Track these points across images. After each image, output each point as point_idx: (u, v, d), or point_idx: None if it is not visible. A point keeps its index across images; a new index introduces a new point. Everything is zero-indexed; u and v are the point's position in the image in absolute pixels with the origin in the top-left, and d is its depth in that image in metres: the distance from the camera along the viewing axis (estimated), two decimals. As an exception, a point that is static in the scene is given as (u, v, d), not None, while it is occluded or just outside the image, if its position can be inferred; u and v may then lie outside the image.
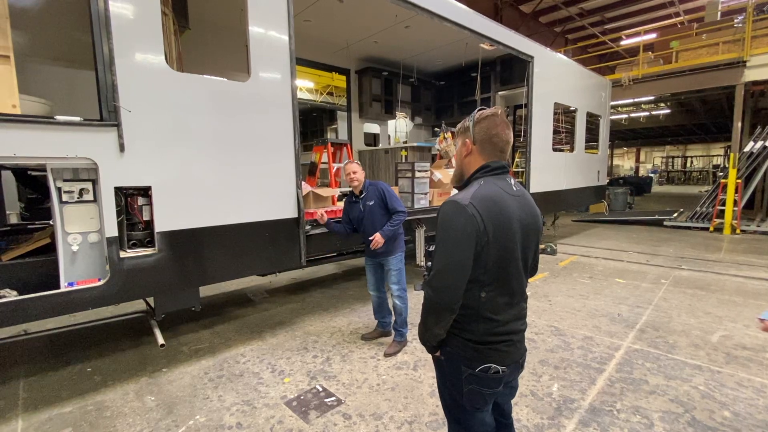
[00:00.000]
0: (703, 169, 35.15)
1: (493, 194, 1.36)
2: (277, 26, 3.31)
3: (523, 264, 1.44)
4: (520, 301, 1.46)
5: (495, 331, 1.39)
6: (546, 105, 6.90)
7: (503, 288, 1.39)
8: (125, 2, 2.54)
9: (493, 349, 1.39)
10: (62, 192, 2.51)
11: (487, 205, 1.33)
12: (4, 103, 2.38)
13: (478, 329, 1.39)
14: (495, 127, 1.43)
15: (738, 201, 9.24)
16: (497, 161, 1.44)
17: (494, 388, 1.44)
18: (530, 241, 1.45)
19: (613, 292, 5.03)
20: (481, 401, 1.45)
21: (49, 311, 2.46)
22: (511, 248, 1.37)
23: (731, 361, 3.22)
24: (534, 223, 1.46)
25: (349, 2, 4.95)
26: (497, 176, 1.43)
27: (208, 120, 2.97)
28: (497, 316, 1.39)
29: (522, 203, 1.43)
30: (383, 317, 3.75)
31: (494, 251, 1.33)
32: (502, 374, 1.41)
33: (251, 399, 2.79)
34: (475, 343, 1.39)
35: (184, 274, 2.97)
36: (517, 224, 1.38)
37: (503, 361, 1.40)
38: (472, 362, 1.40)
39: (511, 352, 1.43)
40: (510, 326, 1.42)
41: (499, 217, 1.33)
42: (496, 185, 1.39)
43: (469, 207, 1.31)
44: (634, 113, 17.19)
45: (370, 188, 3.47)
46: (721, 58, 9.74)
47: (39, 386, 3.01)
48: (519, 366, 1.50)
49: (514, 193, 1.42)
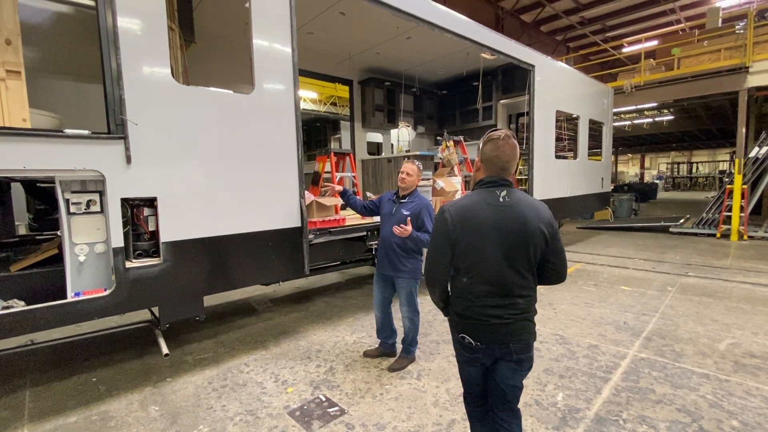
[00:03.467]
0: (709, 174, 34.92)
1: (470, 204, 1.71)
2: (280, 39, 3.38)
3: (510, 264, 1.67)
4: (509, 296, 1.69)
5: (471, 308, 1.72)
6: (548, 113, 6.93)
7: (481, 278, 1.69)
8: (133, 18, 2.61)
9: (469, 323, 1.73)
10: (70, 203, 2.56)
11: (460, 211, 1.70)
12: (15, 117, 2.44)
13: (461, 305, 1.76)
14: (497, 149, 1.71)
15: (745, 207, 9.16)
16: (492, 176, 1.74)
17: (469, 354, 1.78)
18: (514, 243, 1.66)
19: (618, 300, 4.99)
20: (463, 359, 1.84)
21: (56, 321, 2.50)
22: (480, 247, 1.67)
23: (739, 370, 3.18)
24: (520, 228, 1.66)
25: (351, 15, 5.04)
26: (486, 188, 1.73)
27: (212, 131, 3.03)
28: (476, 300, 1.71)
29: (507, 212, 1.67)
30: (386, 338, 3.52)
31: (462, 246, 1.69)
32: (476, 346, 1.72)
33: (254, 409, 2.79)
34: (458, 315, 1.78)
35: (188, 283, 3.00)
36: (489, 229, 1.66)
37: (475, 336, 1.72)
38: (457, 329, 1.80)
39: (487, 331, 1.70)
40: (488, 311, 1.69)
41: (465, 222, 1.68)
42: (480, 196, 1.72)
43: (445, 212, 1.73)
44: (637, 120, 17.18)
45: (416, 200, 3.25)
46: (723, 64, 9.75)
47: (45, 396, 3.03)
48: (508, 351, 1.70)
49: (498, 203, 1.68)
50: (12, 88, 2.45)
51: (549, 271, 1.75)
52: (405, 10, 4.30)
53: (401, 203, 3.27)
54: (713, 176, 32.75)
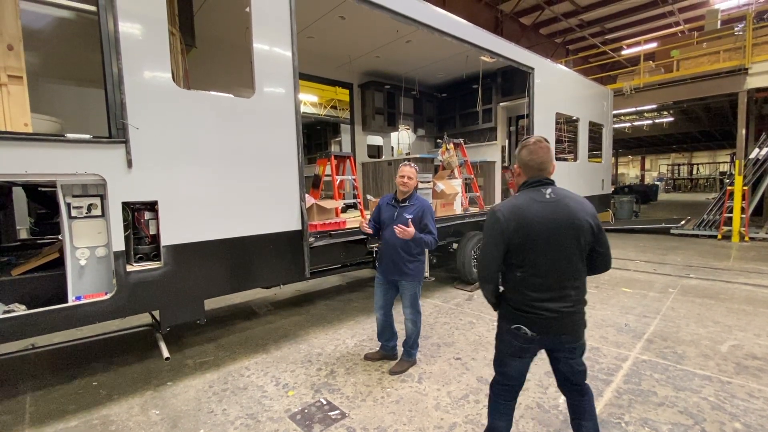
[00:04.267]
0: (709, 176, 34.88)
1: (520, 202, 1.85)
2: (280, 43, 3.39)
3: (562, 256, 1.81)
4: (561, 287, 1.83)
5: (527, 302, 1.84)
6: (547, 115, 6.94)
7: (535, 272, 1.82)
8: (134, 23, 2.63)
9: (524, 316, 1.85)
10: (71, 207, 2.56)
11: (512, 210, 1.83)
12: (16, 122, 2.46)
13: (515, 298, 1.89)
14: (531, 153, 1.90)
15: (746, 208, 9.15)
16: (534, 177, 1.91)
17: (521, 343, 1.89)
18: (565, 236, 1.80)
19: (619, 302, 4.98)
20: (512, 350, 1.94)
21: (57, 325, 2.50)
22: (533, 241, 1.80)
23: (741, 372, 3.17)
24: (568, 221, 1.80)
25: (351, 19, 5.06)
26: (532, 188, 1.90)
27: (213, 135, 3.04)
28: (530, 293, 1.84)
29: (555, 207, 1.82)
30: (387, 340, 3.51)
31: (517, 242, 1.81)
32: (530, 336, 1.85)
33: (255, 412, 2.78)
34: (512, 308, 1.90)
35: (189, 287, 3.01)
36: (541, 223, 1.79)
37: (531, 327, 1.84)
38: (509, 321, 1.92)
39: (542, 324, 1.83)
40: (543, 303, 1.82)
41: (520, 218, 1.80)
42: (528, 195, 1.87)
43: (497, 212, 1.86)
44: (637, 122, 17.19)
45: (416, 202, 3.24)
46: (722, 66, 9.76)
47: (46, 400, 3.02)
48: (560, 341, 1.88)
49: (545, 199, 1.84)
50: (14, 93, 2.46)
51: (597, 260, 1.92)
52: (404, 14, 4.32)
53: (402, 207, 3.24)
54: (714, 178, 32.71)
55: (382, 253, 3.33)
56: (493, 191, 7.28)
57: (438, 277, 6.32)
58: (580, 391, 2.03)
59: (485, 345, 3.75)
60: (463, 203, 5.93)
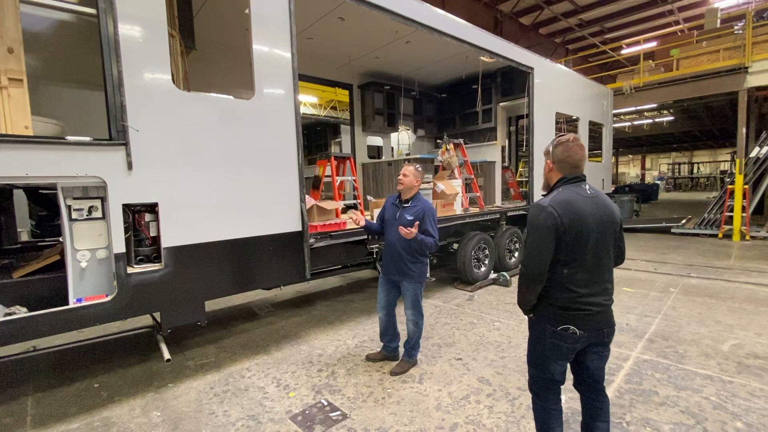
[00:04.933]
0: (710, 175, 34.86)
1: (568, 197, 1.84)
2: (280, 45, 3.40)
3: (603, 250, 1.84)
4: (602, 281, 1.86)
5: (575, 300, 1.82)
6: (547, 115, 6.94)
7: (581, 267, 1.81)
8: (134, 25, 2.64)
9: (572, 314, 1.82)
10: (72, 210, 2.57)
11: (563, 205, 1.81)
12: (17, 125, 2.46)
13: (561, 297, 1.84)
14: (568, 150, 1.92)
15: (746, 207, 9.14)
16: (572, 173, 1.93)
17: (570, 344, 1.86)
18: (607, 231, 1.85)
19: (620, 302, 4.97)
20: (560, 353, 1.89)
21: (58, 327, 2.50)
22: (585, 236, 1.79)
23: (743, 371, 3.16)
24: (609, 216, 1.86)
25: (350, 20, 5.07)
26: (573, 184, 1.91)
27: (213, 137, 3.05)
28: (577, 289, 1.81)
29: (596, 202, 1.86)
30: (389, 341, 3.50)
31: (570, 238, 1.79)
32: (579, 335, 1.82)
33: (256, 414, 2.78)
34: (558, 308, 1.85)
35: (189, 288, 3.01)
36: (591, 218, 1.80)
37: (580, 325, 1.81)
38: (555, 323, 1.86)
39: (589, 320, 1.82)
40: (589, 299, 1.82)
41: (572, 214, 1.79)
42: (572, 191, 1.87)
43: (548, 207, 1.81)
44: (637, 121, 17.19)
45: (418, 203, 3.22)
46: (722, 64, 9.76)
47: (47, 402, 3.03)
48: (603, 335, 1.88)
49: (587, 195, 1.87)
50: (14, 95, 2.47)
51: (618, 254, 1.99)
52: (404, 15, 4.33)
53: (404, 208, 3.25)
54: (714, 176, 32.68)
55: (385, 254, 3.35)
56: (493, 191, 7.27)
57: (438, 278, 6.32)
58: (601, 391, 2.03)
59: (486, 345, 3.75)
60: (464, 203, 5.94)
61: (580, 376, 2.05)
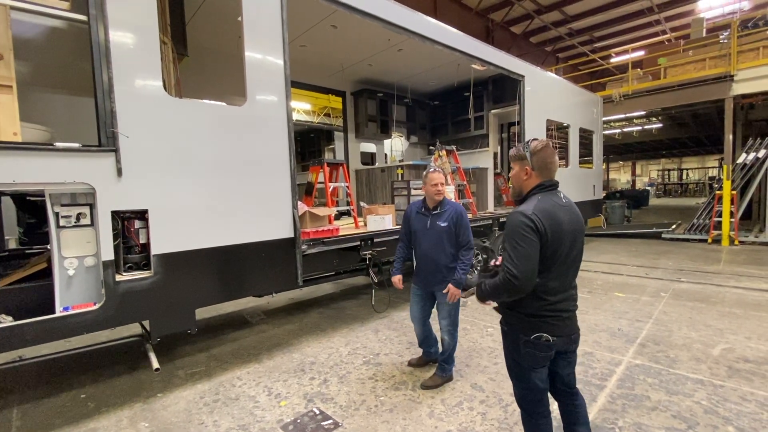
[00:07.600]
0: (699, 181, 35.41)
1: (548, 207, 1.81)
2: (272, 52, 3.41)
3: (572, 258, 1.85)
4: (569, 288, 1.88)
5: (546, 307, 1.81)
6: (538, 122, 7.03)
7: (554, 276, 1.81)
8: (125, 32, 2.63)
9: (544, 322, 1.82)
10: (60, 217, 2.54)
11: (545, 214, 1.78)
12: (5, 132, 2.44)
13: (533, 305, 1.82)
14: (549, 156, 1.90)
15: (734, 212, 9.28)
16: (549, 180, 1.90)
17: (545, 353, 1.85)
18: (577, 239, 1.87)
19: (612, 307, 5.00)
20: (535, 362, 1.86)
21: (45, 336, 2.45)
22: (561, 246, 1.79)
23: (734, 375, 3.19)
24: (579, 224, 1.89)
25: (343, 28, 5.11)
26: (550, 191, 1.88)
27: (204, 143, 3.03)
28: (549, 297, 1.81)
29: (569, 211, 1.86)
30: (430, 347, 3.43)
31: (550, 248, 1.77)
32: (552, 342, 1.81)
33: (247, 423, 2.74)
34: (530, 316, 1.83)
35: (179, 296, 2.97)
36: (566, 227, 1.81)
37: (553, 332, 1.81)
38: (527, 331, 1.84)
39: (560, 326, 1.83)
40: (559, 305, 1.83)
41: (554, 224, 1.78)
42: (551, 199, 1.85)
43: (532, 216, 1.76)
44: (627, 128, 17.44)
45: (448, 208, 3.07)
46: (708, 73, 9.98)
47: (32, 414, 2.96)
48: (571, 341, 1.89)
49: (563, 204, 1.87)
50: (3, 102, 2.45)
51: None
52: (396, 23, 4.38)
53: (434, 215, 3.09)
54: (703, 182, 33.21)
55: (419, 266, 3.20)
56: (485, 197, 7.31)
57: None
58: (575, 395, 2.04)
59: (479, 351, 3.74)
60: (457, 210, 5.94)
61: (552, 384, 2.03)
